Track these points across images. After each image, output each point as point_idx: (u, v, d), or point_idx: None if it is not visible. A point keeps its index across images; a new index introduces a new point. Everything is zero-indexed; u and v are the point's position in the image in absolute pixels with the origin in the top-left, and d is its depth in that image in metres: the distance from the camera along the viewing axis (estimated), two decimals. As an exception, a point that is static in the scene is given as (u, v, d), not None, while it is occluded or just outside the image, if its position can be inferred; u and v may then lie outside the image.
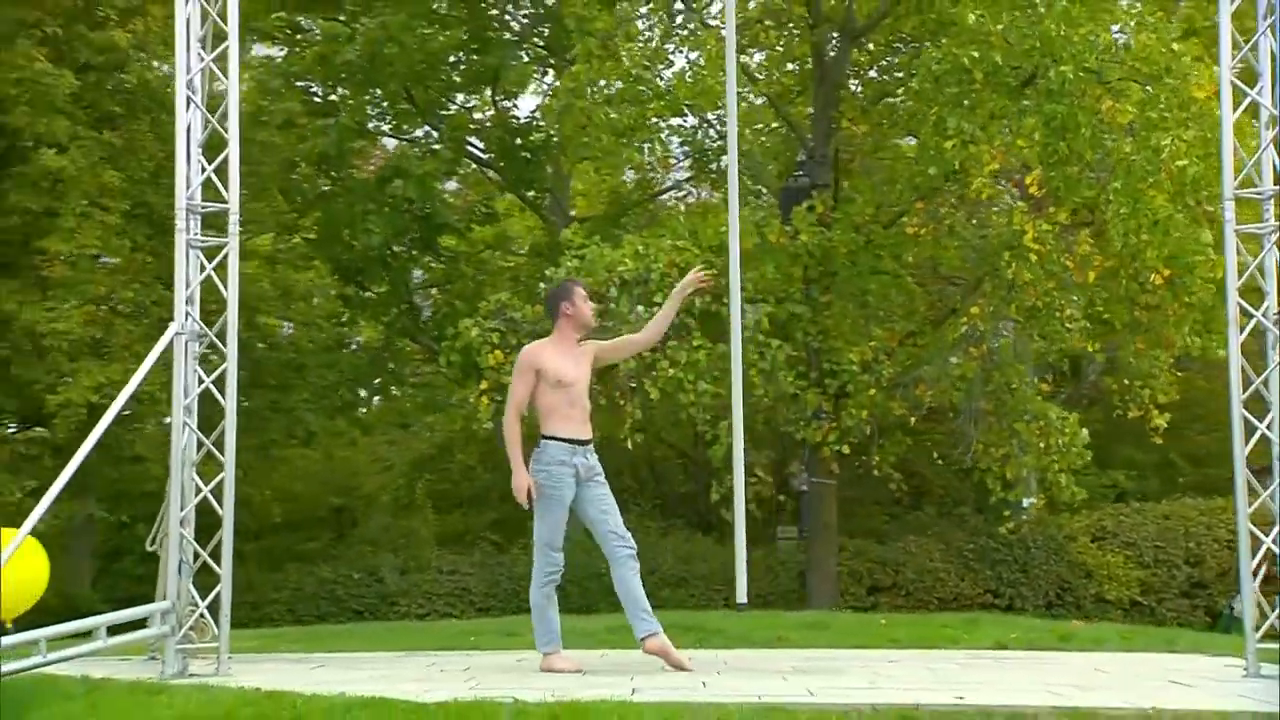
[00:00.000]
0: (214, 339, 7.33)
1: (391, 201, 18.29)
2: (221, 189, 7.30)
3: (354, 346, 22.76)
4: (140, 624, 7.09)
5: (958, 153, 14.26)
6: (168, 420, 7.99)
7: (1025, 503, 17.85)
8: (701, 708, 5.32)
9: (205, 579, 7.24)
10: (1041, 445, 15.54)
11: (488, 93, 20.40)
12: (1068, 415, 15.72)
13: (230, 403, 7.22)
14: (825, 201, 16.14)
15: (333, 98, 19.92)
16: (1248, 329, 7.00)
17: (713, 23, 17.48)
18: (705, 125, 18.93)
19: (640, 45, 15.92)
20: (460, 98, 20.68)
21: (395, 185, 18.06)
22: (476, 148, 20.37)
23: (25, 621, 7.12)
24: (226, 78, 7.35)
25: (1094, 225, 14.99)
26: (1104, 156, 14.01)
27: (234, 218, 7.30)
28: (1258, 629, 6.75)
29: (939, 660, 8.06)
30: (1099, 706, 5.37)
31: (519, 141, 19.62)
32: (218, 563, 7.16)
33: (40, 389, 13.55)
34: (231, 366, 7.25)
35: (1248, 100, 7.28)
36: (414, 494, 22.97)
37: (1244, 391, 6.87)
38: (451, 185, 22.29)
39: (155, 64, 16.19)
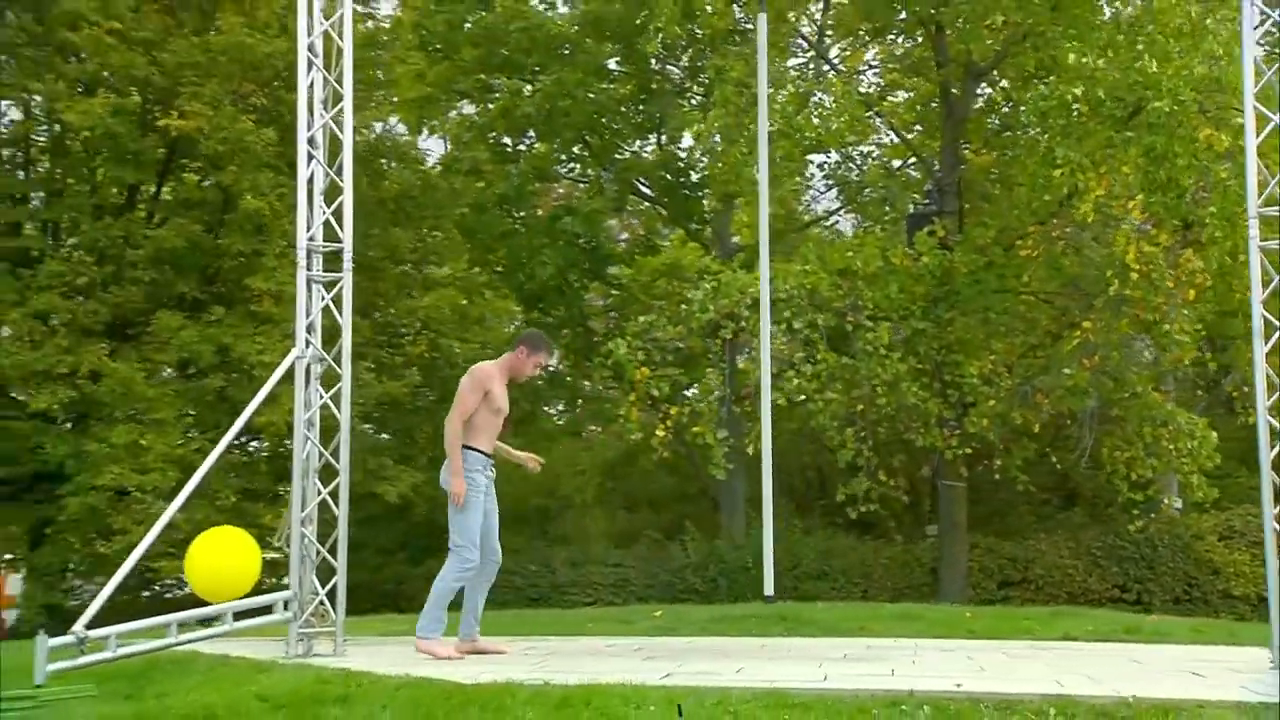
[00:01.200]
0: (330, 362, 7.69)
1: (563, 236, 19.02)
2: (338, 230, 7.71)
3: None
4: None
5: (1066, 180, 14.29)
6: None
7: (1165, 501, 17.55)
8: (706, 691, 5.38)
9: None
10: (1171, 449, 15.33)
11: (653, 138, 20.91)
12: (1196, 420, 15.48)
13: (345, 417, 7.60)
14: (946, 226, 16.27)
15: (520, 146, 20.75)
16: (1273, 340, 6.94)
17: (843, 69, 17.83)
18: (849, 161, 19.12)
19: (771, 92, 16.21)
20: (632, 142, 21.20)
21: (565, 221, 18.80)
22: (645, 185, 20.92)
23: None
24: (343, 133, 7.83)
25: (1202, 245, 14.77)
26: (1201, 182, 13.91)
27: (348, 255, 7.71)
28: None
29: (989, 650, 7.93)
30: (1081, 695, 5.30)
31: (681, 180, 20.11)
32: (334, 557, 7.53)
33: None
34: (346, 385, 7.62)
35: (1271, 125, 7.24)
36: (594, 495, 23.66)
37: (1269, 398, 6.82)
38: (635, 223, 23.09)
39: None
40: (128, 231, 16.04)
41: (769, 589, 9.67)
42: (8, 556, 17.78)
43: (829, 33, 20.01)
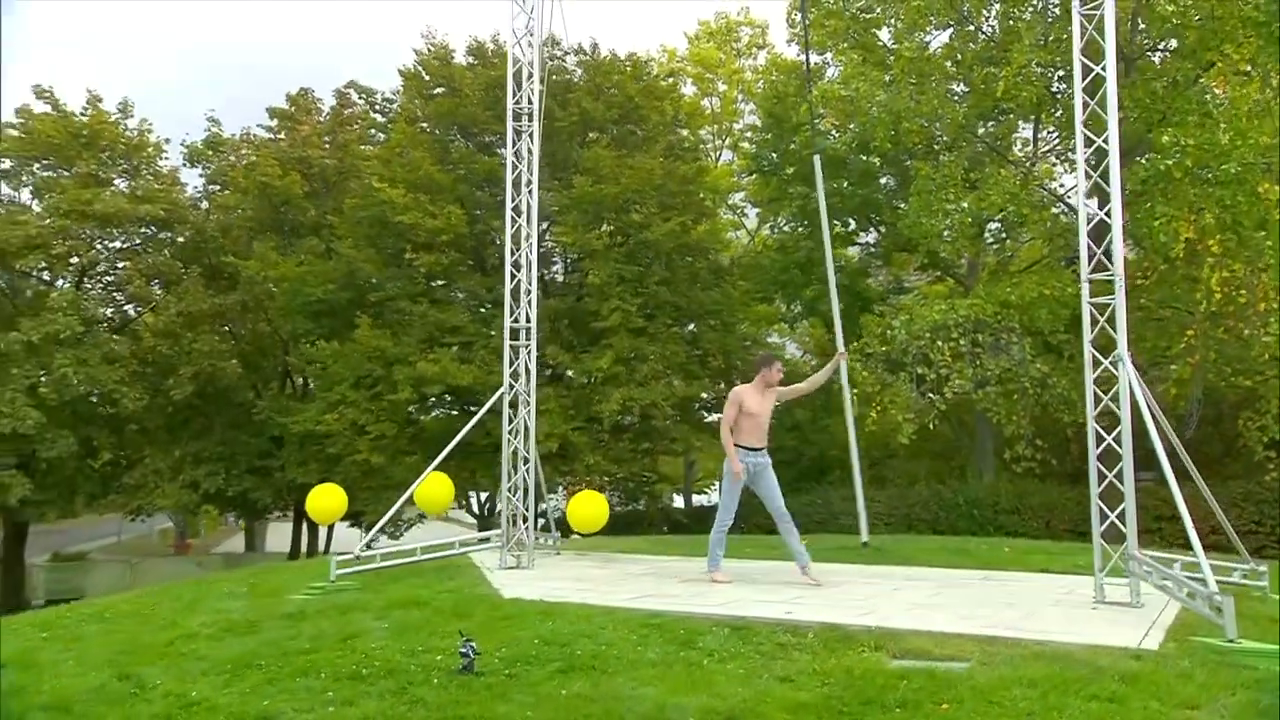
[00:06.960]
0: (524, 393, 8.77)
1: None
2: (530, 316, 8.86)
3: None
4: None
5: (1164, 227, 14.03)
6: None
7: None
8: (603, 611, 5.73)
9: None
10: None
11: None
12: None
13: (532, 428, 8.77)
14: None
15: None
16: (1100, 369, 6.80)
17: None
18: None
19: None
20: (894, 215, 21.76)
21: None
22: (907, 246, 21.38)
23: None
24: (532, 257, 8.97)
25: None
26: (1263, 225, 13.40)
27: (534, 331, 8.92)
28: (1103, 568, 6.55)
29: (938, 581, 7.59)
30: (829, 622, 5.29)
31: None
32: (528, 510, 8.62)
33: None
34: (532, 408, 8.69)
35: (1096, 219, 7.07)
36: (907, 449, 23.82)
37: (1096, 408, 6.75)
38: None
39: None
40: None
41: (864, 536, 10.04)
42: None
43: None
